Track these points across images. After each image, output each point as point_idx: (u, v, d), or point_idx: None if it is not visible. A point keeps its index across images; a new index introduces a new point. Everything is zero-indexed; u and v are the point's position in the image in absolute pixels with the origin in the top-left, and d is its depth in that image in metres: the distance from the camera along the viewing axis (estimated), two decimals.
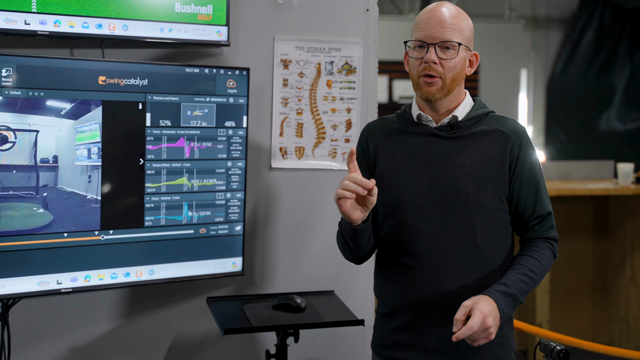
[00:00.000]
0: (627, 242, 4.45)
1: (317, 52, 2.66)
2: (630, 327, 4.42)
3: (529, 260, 1.76)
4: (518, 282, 1.71)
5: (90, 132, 2.24)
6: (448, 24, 1.74)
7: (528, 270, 1.74)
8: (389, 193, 1.82)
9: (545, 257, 1.78)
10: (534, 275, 1.74)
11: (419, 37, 1.76)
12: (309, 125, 2.68)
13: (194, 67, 2.37)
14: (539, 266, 1.76)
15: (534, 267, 1.75)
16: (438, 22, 1.74)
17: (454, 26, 1.75)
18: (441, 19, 1.75)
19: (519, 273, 1.73)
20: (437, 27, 1.74)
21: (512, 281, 1.71)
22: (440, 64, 1.74)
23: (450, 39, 1.74)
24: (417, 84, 1.79)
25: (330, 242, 2.68)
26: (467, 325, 1.58)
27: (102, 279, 2.30)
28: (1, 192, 2.12)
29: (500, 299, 1.66)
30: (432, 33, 1.74)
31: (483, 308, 1.60)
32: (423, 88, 1.77)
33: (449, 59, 1.74)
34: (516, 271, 1.74)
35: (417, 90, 1.80)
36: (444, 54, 1.74)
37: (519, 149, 1.78)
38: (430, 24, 1.75)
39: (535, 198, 1.80)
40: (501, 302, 1.65)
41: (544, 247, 1.80)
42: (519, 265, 1.76)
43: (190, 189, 2.40)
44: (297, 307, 2.30)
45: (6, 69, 2.09)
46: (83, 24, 2.27)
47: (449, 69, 1.75)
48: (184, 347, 2.63)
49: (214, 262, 2.47)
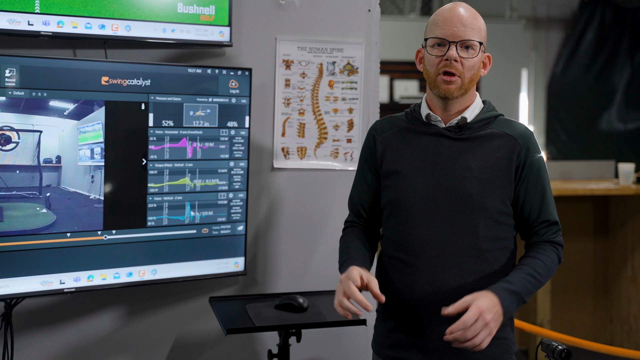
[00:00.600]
0: (628, 242, 4.45)
1: (319, 52, 2.67)
2: (631, 327, 4.42)
3: (534, 262, 1.75)
4: (523, 282, 1.70)
5: (93, 133, 2.24)
6: (469, 24, 1.75)
7: (533, 270, 1.73)
8: (394, 192, 1.83)
9: (551, 260, 1.78)
10: (539, 276, 1.73)
11: (439, 34, 1.75)
12: (311, 125, 2.68)
13: (197, 68, 2.38)
14: (544, 268, 1.75)
15: (539, 268, 1.74)
16: (460, 20, 1.74)
17: (473, 26, 1.75)
18: (462, 18, 1.75)
19: (524, 273, 1.72)
20: (458, 25, 1.74)
21: (516, 280, 1.70)
22: (460, 63, 1.74)
23: (471, 38, 1.74)
24: (434, 81, 1.78)
25: (332, 242, 2.68)
26: (460, 319, 1.57)
27: (105, 278, 2.31)
28: (5, 192, 2.13)
29: (504, 296, 1.64)
30: (454, 32, 1.73)
31: (481, 304, 1.58)
32: (441, 86, 1.76)
33: (469, 57, 1.75)
34: (521, 271, 1.73)
35: (434, 89, 1.79)
36: (465, 53, 1.74)
37: (527, 154, 1.78)
38: (452, 22, 1.74)
39: (541, 203, 1.79)
40: (504, 299, 1.64)
41: (550, 250, 1.79)
42: (524, 265, 1.75)
43: (192, 189, 2.41)
44: (300, 307, 2.31)
45: (9, 69, 2.09)
46: (86, 25, 2.27)
47: (469, 68, 1.75)
48: (186, 346, 2.63)
49: (217, 262, 2.48)
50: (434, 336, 1.77)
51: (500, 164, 1.77)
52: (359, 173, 1.98)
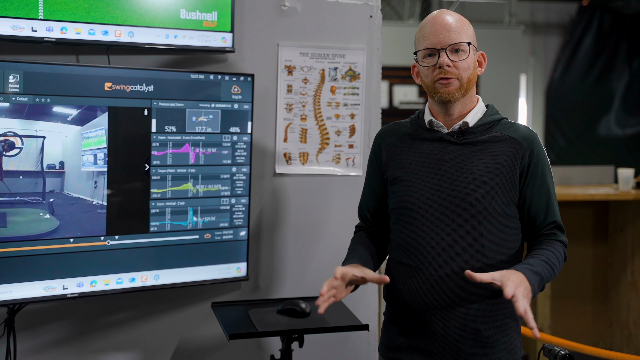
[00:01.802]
0: (627, 247, 4.46)
1: (321, 58, 2.68)
2: (630, 332, 4.43)
3: (545, 252, 1.75)
4: (541, 266, 1.69)
5: (96, 138, 2.25)
6: (453, 28, 1.76)
7: (547, 259, 1.72)
8: (399, 197, 1.84)
9: (560, 253, 1.78)
10: (553, 265, 1.73)
11: (427, 45, 1.77)
12: (313, 130, 2.69)
13: (199, 74, 2.38)
14: (555, 259, 1.75)
15: (552, 258, 1.74)
16: (443, 27, 1.76)
17: (459, 29, 1.77)
18: (445, 23, 1.76)
19: (539, 260, 1.71)
20: (443, 32, 1.75)
21: (535, 263, 1.69)
22: (454, 66, 1.75)
23: (458, 41, 1.75)
24: (433, 89, 1.79)
25: (335, 247, 2.69)
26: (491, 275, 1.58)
27: (107, 284, 2.31)
28: (8, 198, 2.13)
29: (529, 275, 1.63)
30: (440, 39, 1.75)
31: (514, 279, 1.58)
32: (441, 90, 1.77)
33: (462, 60, 1.76)
34: (536, 258, 1.72)
35: (434, 96, 1.80)
36: (457, 56, 1.76)
37: (531, 156, 1.79)
38: (435, 30, 1.76)
39: (547, 205, 1.80)
40: (530, 277, 1.63)
41: (558, 245, 1.79)
42: (537, 255, 1.74)
43: (195, 194, 2.42)
44: (302, 312, 2.31)
45: (13, 75, 2.10)
46: (89, 31, 2.28)
47: (464, 69, 1.76)
48: (188, 352, 2.63)
49: (219, 267, 2.48)
50: (438, 340, 1.78)
51: (503, 167, 1.78)
52: (366, 180, 2.01)
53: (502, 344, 1.71)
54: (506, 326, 1.81)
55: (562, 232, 1.83)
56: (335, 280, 1.71)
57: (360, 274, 1.73)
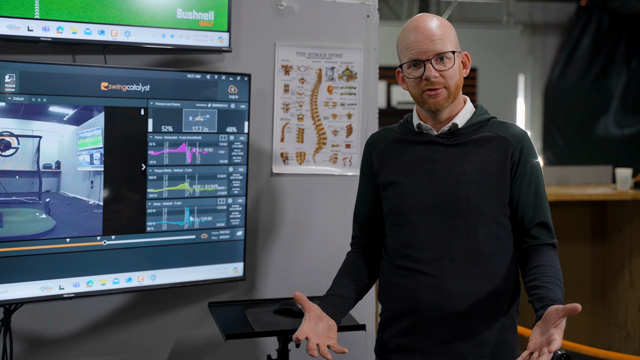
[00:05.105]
0: (625, 247, 4.46)
1: (318, 58, 2.67)
2: (628, 332, 4.43)
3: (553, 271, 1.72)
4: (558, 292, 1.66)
5: (92, 138, 2.25)
6: (437, 36, 1.74)
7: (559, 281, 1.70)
8: (393, 201, 1.84)
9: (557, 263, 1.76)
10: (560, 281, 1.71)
11: (411, 57, 1.75)
12: (309, 130, 2.69)
13: (196, 73, 2.38)
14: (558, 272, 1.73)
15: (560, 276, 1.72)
16: (426, 36, 1.74)
17: (442, 37, 1.74)
18: (428, 33, 1.74)
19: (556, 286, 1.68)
20: (427, 42, 1.73)
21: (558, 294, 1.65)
22: (441, 76, 1.74)
23: (443, 50, 1.74)
24: (421, 99, 1.78)
25: (331, 247, 2.70)
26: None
27: (104, 284, 2.31)
28: (4, 198, 2.13)
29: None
30: (424, 49, 1.73)
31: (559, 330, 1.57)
32: (429, 101, 1.76)
33: (447, 69, 1.75)
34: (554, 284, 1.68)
35: (422, 105, 1.79)
36: (442, 65, 1.74)
37: (520, 153, 1.79)
38: (418, 40, 1.74)
39: (535, 203, 1.79)
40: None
41: (555, 255, 1.78)
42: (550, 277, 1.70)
43: (191, 194, 2.41)
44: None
45: (9, 75, 2.10)
46: (85, 30, 2.28)
47: (450, 77, 1.76)
48: (185, 352, 2.63)
49: (216, 267, 2.48)
50: (437, 341, 1.78)
51: (494, 165, 1.77)
52: (359, 189, 2.01)
53: (500, 344, 1.71)
54: (503, 326, 1.81)
55: (550, 232, 1.80)
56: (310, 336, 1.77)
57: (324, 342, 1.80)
